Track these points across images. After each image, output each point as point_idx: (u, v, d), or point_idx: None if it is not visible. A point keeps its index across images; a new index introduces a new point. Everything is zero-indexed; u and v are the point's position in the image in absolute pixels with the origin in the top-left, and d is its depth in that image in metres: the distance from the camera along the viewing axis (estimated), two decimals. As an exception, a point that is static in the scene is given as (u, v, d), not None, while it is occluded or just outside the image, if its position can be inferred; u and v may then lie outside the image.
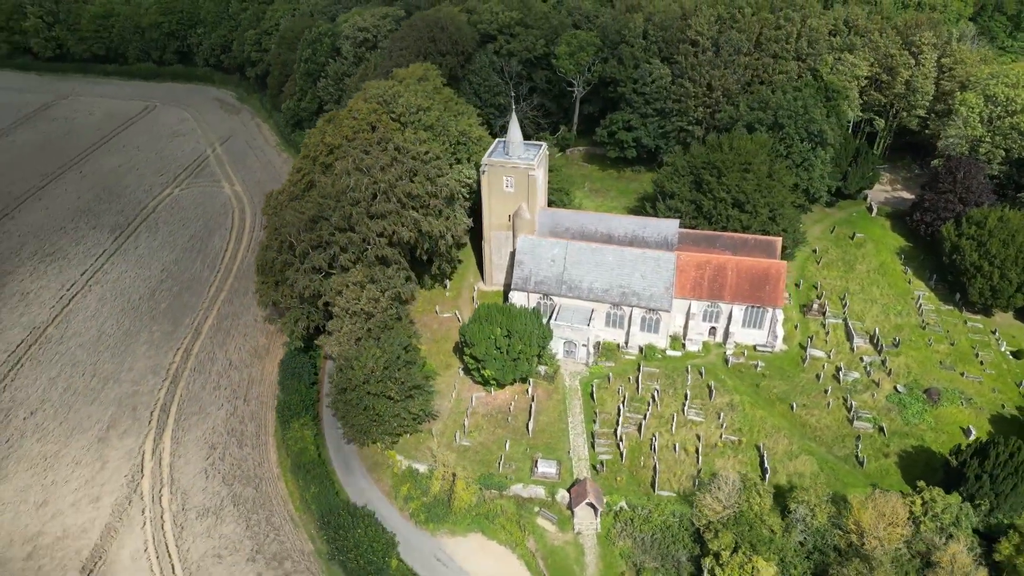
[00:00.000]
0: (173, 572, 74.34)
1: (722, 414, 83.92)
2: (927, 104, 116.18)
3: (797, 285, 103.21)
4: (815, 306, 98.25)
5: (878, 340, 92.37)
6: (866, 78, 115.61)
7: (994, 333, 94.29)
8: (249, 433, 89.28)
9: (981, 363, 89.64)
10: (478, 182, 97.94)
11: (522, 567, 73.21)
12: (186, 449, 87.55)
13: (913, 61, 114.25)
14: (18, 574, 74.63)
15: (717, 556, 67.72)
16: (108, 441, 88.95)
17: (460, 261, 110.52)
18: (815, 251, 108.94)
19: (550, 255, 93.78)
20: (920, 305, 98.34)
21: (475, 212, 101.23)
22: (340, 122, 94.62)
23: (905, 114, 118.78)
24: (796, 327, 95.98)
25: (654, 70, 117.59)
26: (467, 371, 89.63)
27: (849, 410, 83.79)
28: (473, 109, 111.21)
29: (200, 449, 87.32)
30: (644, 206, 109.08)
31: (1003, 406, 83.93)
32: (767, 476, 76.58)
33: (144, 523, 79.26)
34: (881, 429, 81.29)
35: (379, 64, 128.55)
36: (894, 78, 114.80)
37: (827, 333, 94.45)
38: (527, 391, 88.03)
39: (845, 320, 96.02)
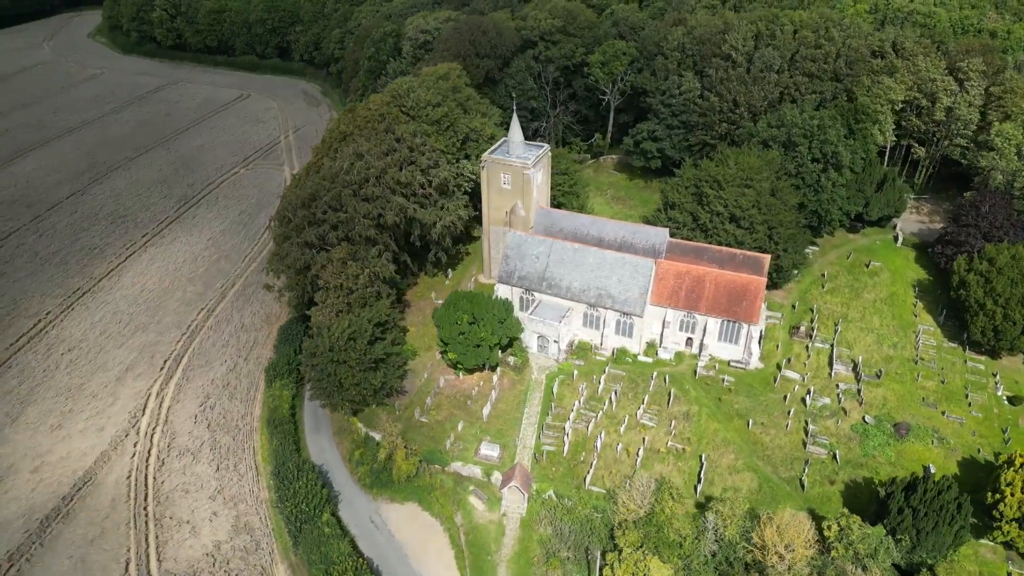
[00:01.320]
0: (145, 499, 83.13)
1: (674, 422, 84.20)
2: (970, 133, 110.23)
3: (793, 307, 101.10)
4: (802, 328, 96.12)
5: (859, 369, 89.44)
6: (903, 102, 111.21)
7: (994, 376, 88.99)
8: (241, 388, 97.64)
9: (969, 404, 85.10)
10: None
11: (445, 539, 76.86)
12: (185, 396, 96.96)
13: (957, 87, 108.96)
14: (21, 483, 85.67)
15: (621, 552, 68.86)
16: (124, 381, 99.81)
17: (468, 253, 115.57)
18: (823, 275, 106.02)
19: (535, 252, 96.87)
20: (918, 339, 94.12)
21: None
22: (357, 112, 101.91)
23: (947, 143, 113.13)
24: (778, 347, 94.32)
25: (683, 82, 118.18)
26: (444, 354, 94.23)
27: (807, 434, 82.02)
28: (496, 110, 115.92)
29: (196, 397, 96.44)
30: (659, 216, 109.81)
31: (979, 450, 79.53)
32: (699, 486, 76.63)
33: (134, 455, 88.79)
34: (835, 456, 79.18)
35: (429, 64, 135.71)
36: (934, 104, 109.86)
37: (808, 356, 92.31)
38: (492, 379, 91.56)
39: (832, 346, 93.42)
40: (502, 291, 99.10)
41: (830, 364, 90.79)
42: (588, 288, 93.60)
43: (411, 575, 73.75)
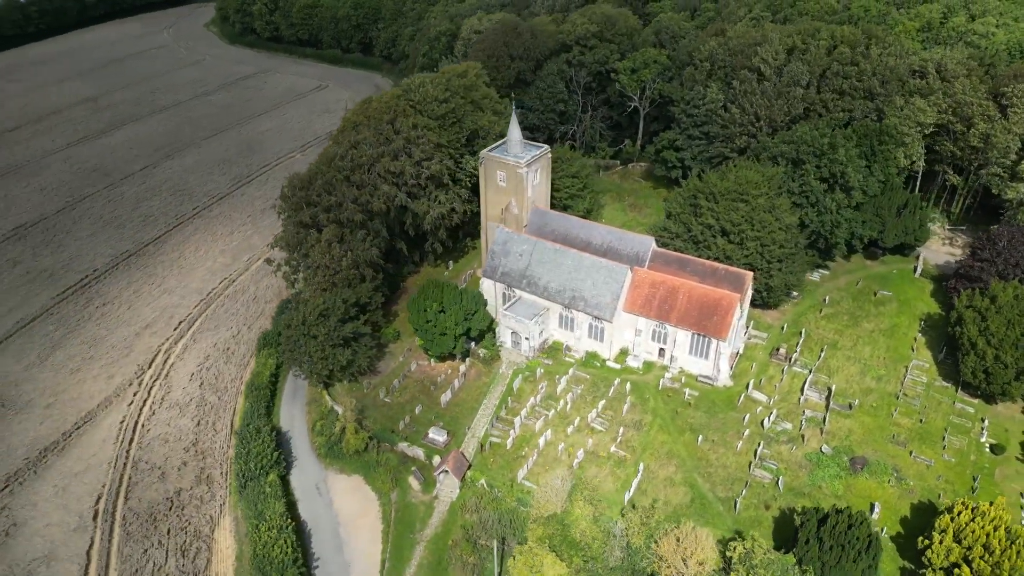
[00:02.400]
0: (129, 443, 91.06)
1: (624, 429, 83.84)
2: (1008, 163, 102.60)
3: (783, 328, 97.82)
4: (782, 351, 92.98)
5: (831, 398, 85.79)
6: (936, 126, 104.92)
7: (983, 421, 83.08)
8: (239, 354, 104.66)
9: (944, 448, 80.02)
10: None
11: (379, 513, 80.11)
12: (189, 355, 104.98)
13: (998, 114, 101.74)
14: (34, 416, 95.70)
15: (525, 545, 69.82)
16: (141, 337, 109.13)
17: (474, 247, 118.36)
18: (825, 300, 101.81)
19: (519, 250, 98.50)
20: (907, 374, 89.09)
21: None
22: (370, 104, 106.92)
23: (983, 171, 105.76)
24: (753, 367, 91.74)
25: (708, 93, 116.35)
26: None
27: (756, 456, 79.72)
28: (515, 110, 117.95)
29: (197, 358, 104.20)
30: (659, 226, 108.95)
31: (940, 495, 74.82)
32: (630, 492, 76.23)
33: (131, 403, 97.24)
34: (777, 482, 76.65)
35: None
36: (969, 129, 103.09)
37: (782, 380, 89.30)
38: (460, 368, 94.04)
39: (811, 371, 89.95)
40: (486, 285, 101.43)
41: (803, 390, 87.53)
42: (564, 289, 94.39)
43: (337, 542, 77.47)
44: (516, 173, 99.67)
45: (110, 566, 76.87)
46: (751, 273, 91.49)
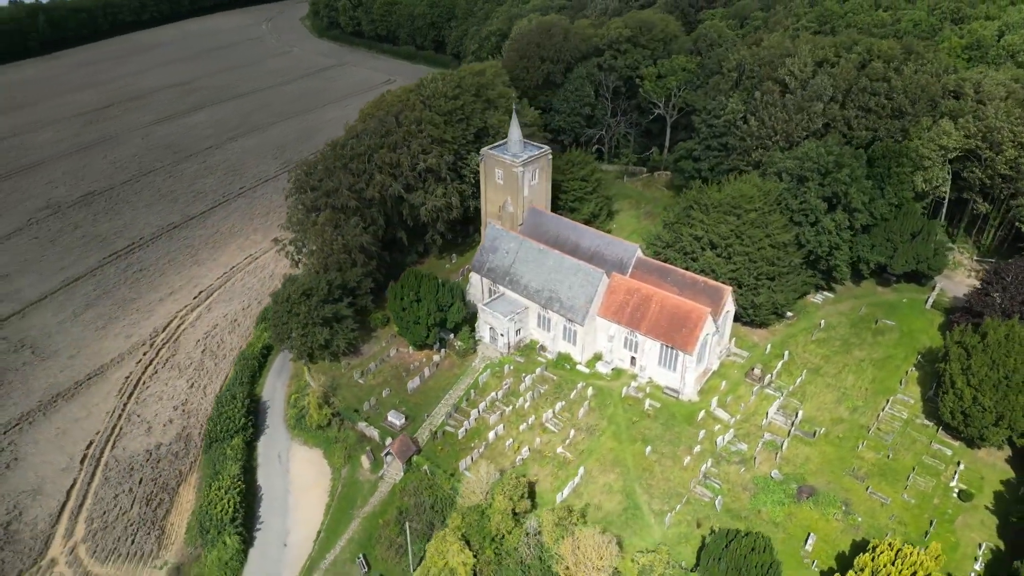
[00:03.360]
0: (128, 398, 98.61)
1: (575, 432, 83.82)
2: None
3: (767, 348, 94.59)
4: (757, 371, 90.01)
5: (796, 424, 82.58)
6: (964, 151, 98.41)
7: (958, 465, 77.85)
8: (244, 325, 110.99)
9: (906, 487, 75.63)
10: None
11: (327, 486, 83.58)
12: (199, 323, 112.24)
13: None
14: (57, 365, 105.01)
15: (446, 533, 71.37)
16: (164, 302, 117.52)
17: (479, 242, 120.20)
18: (821, 323, 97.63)
19: (506, 247, 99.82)
20: (886, 408, 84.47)
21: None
22: (385, 97, 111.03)
23: (1013, 201, 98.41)
24: (723, 384, 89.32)
25: (729, 103, 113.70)
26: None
27: (700, 473, 77.93)
28: (533, 111, 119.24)
29: (206, 326, 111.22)
30: (660, 235, 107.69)
31: (888, 534, 70.85)
32: (563, 494, 76.32)
33: (139, 361, 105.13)
34: (715, 502, 74.73)
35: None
36: (997, 155, 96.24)
37: (750, 400, 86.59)
38: (433, 358, 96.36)
39: (782, 394, 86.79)
40: (474, 280, 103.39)
41: (768, 412, 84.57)
42: (543, 289, 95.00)
43: (283, 508, 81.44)
44: (512, 172, 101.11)
45: (84, 506, 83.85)
46: (730, 288, 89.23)
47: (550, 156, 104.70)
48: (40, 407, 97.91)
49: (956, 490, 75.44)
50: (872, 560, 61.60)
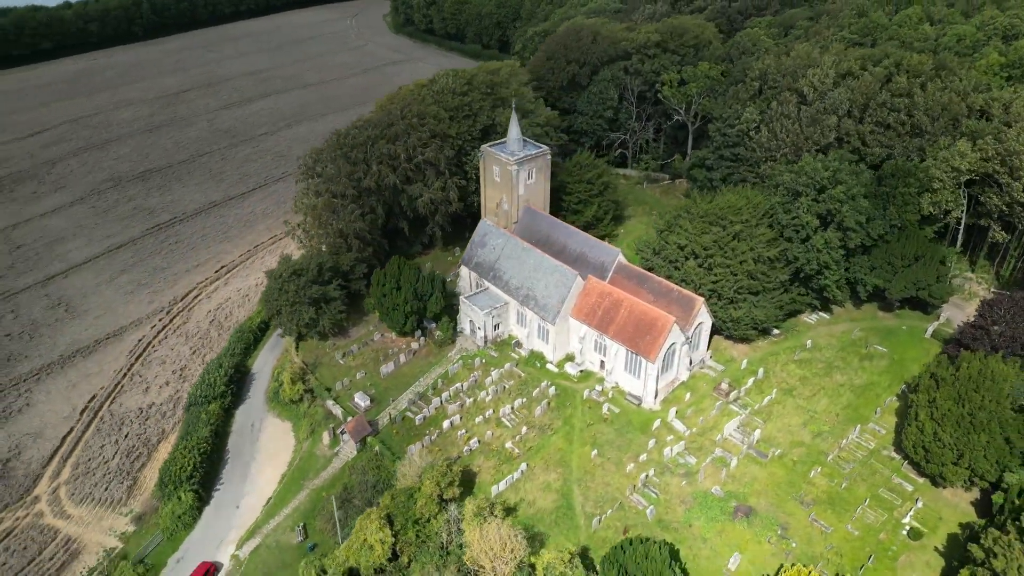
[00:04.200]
0: (136, 359, 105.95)
1: (527, 429, 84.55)
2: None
3: (743, 364, 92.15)
4: (724, 385, 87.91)
5: (751, 444, 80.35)
6: (979, 173, 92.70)
7: (916, 502, 73.91)
8: (253, 300, 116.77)
9: (853, 518, 72.50)
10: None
11: (286, 457, 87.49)
12: (214, 296, 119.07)
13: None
14: (83, 324, 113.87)
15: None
16: (189, 274, 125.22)
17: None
18: (808, 343, 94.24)
19: (494, 243, 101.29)
20: (852, 437, 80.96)
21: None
22: (402, 91, 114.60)
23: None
24: (687, 396, 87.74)
25: (744, 113, 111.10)
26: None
27: (640, 482, 77.13)
28: (548, 111, 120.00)
29: (219, 299, 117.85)
30: (649, 241, 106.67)
31: (821, 563, 68.37)
32: (499, 487, 77.29)
33: (154, 326, 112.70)
34: (648, 511, 73.89)
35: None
36: (1015, 181, 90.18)
37: (710, 414, 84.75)
38: (410, 345, 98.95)
39: (747, 412, 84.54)
40: (463, 273, 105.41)
41: (725, 429, 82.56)
42: (522, 286, 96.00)
43: (244, 473, 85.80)
44: (507, 170, 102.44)
45: (74, 452, 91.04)
46: (701, 299, 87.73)
47: (548, 156, 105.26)
48: (60, 360, 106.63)
49: (907, 527, 71.73)
50: (777, 584, 59.84)
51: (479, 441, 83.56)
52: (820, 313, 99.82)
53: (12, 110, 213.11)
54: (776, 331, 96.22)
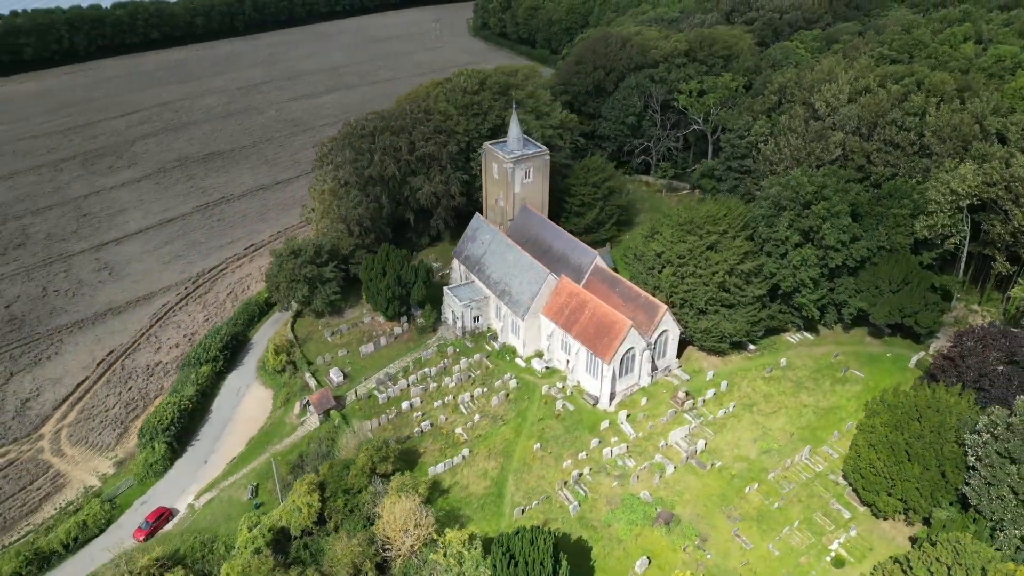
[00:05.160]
0: (156, 321, 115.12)
1: (479, 418, 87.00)
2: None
3: (709, 375, 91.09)
4: (681, 394, 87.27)
5: (693, 453, 79.75)
6: (980, 198, 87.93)
7: (849, 530, 71.56)
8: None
9: (777, 539, 71.05)
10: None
11: (260, 423, 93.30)
12: (237, 271, 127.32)
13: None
14: (121, 288, 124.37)
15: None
16: (221, 250, 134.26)
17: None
18: (782, 362, 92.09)
19: (483, 238, 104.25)
20: (800, 458, 78.93)
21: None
22: (418, 88, 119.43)
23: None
24: (644, 401, 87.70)
25: (752, 125, 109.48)
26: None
27: (571, 479, 78.11)
28: (564, 113, 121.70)
29: (240, 275, 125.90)
30: (632, 246, 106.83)
31: (727, 579, 67.75)
32: (437, 468, 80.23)
33: (179, 294, 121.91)
34: (572, 508, 74.90)
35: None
36: (1019, 208, 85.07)
37: (662, 421, 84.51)
38: (392, 329, 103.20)
39: (697, 421, 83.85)
40: (455, 265, 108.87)
41: (670, 436, 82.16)
42: (500, 281, 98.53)
43: (218, 433, 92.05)
44: (503, 168, 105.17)
45: (83, 400, 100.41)
46: (664, 306, 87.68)
47: (547, 157, 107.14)
48: (93, 317, 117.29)
49: (832, 554, 69.63)
50: (659, 588, 59.94)
51: (432, 424, 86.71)
52: (805, 333, 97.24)
53: (116, 92, 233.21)
54: (752, 347, 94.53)
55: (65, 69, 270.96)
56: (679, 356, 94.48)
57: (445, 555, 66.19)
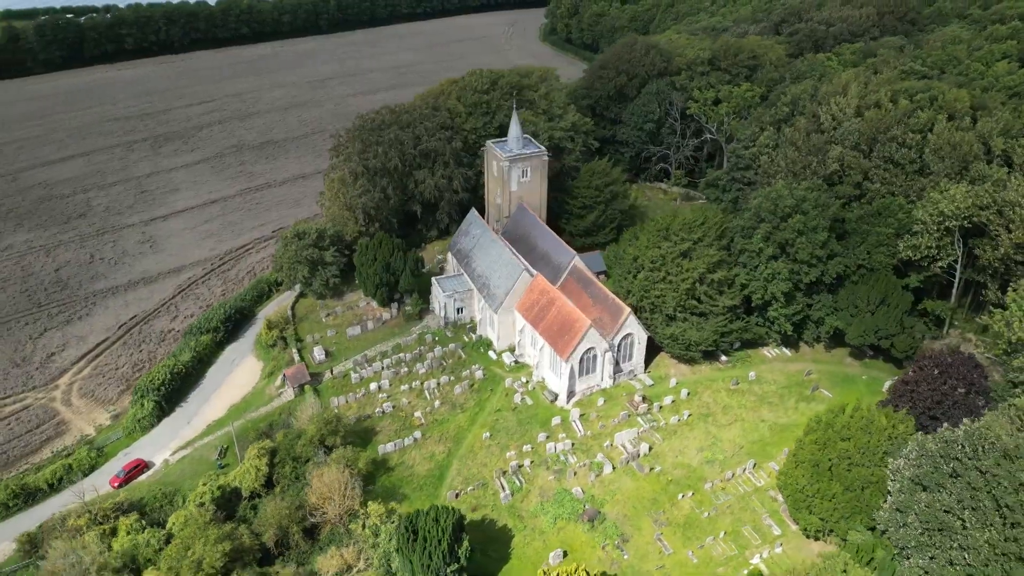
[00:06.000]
0: (179, 292, 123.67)
1: (439, 404, 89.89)
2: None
3: (673, 382, 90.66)
4: (637, 398, 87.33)
5: (634, 456, 79.99)
6: (970, 221, 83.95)
7: (775, 546, 70.42)
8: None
9: (700, 547, 70.65)
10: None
11: (244, 392, 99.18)
12: (261, 251, 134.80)
13: (1056, 224, 78.36)
14: (159, 259, 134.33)
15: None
16: (251, 231, 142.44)
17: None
18: (752, 375, 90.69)
19: (474, 232, 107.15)
20: (744, 471, 77.91)
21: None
22: (438, 86, 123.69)
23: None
24: (601, 401, 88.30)
25: (758, 136, 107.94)
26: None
27: (510, 469, 79.90)
28: (581, 118, 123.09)
29: (263, 255, 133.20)
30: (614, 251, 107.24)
31: (639, 581, 68.07)
32: (387, 447, 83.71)
33: (203, 269, 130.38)
34: (503, 497, 76.80)
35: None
36: (1008, 232, 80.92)
37: (614, 422, 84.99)
38: (381, 315, 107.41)
39: (648, 425, 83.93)
40: (449, 257, 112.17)
41: (615, 437, 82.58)
42: (482, 275, 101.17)
43: (205, 397, 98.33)
44: (499, 166, 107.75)
45: (99, 357, 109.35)
46: (628, 309, 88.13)
47: (545, 158, 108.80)
48: (127, 284, 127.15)
49: (749, 568, 68.72)
50: (548, 576, 61.13)
51: (394, 406, 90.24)
52: (783, 349, 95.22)
53: (198, 82, 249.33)
54: (724, 358, 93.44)
55: (161, 59, 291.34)
56: (651, 362, 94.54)
57: (364, 526, 69.66)
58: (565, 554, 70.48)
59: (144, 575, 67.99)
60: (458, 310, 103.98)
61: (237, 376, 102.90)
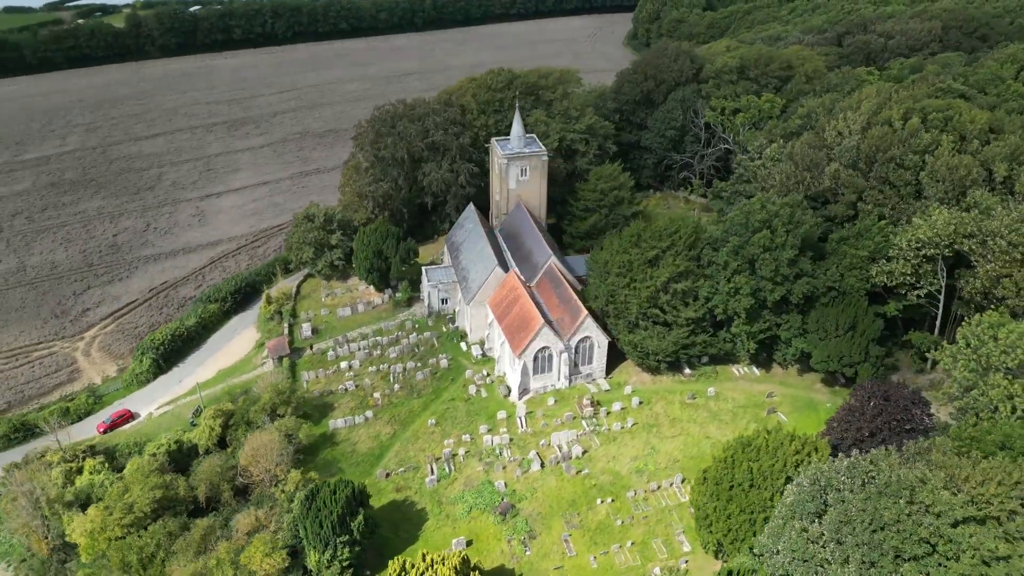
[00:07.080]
0: (209, 263, 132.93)
1: (397, 387, 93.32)
2: None
3: (629, 390, 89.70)
4: (586, 401, 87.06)
5: (564, 457, 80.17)
6: (951, 249, 78.50)
7: (682, 562, 69.08)
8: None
9: (604, 553, 70.40)
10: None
11: (235, 359, 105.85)
12: (273, 241, 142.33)
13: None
14: (203, 232, 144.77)
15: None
16: (286, 213, 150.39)
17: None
18: (711, 391, 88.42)
19: (467, 227, 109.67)
20: (671, 484, 76.54)
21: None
22: (457, 84, 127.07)
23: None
24: (551, 401, 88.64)
25: (765, 148, 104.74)
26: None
27: (442, 456, 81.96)
28: (599, 121, 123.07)
29: (278, 240, 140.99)
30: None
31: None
32: (336, 423, 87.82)
33: (237, 245, 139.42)
34: (429, 482, 79.03)
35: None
36: (987, 262, 75.33)
37: (556, 421, 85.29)
38: (371, 300, 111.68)
39: (592, 429, 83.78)
40: (445, 249, 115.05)
41: (552, 437, 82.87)
42: (464, 268, 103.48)
43: (203, 361, 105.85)
44: (499, 163, 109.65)
45: (124, 316, 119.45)
46: (585, 312, 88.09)
47: (545, 158, 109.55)
48: (169, 252, 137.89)
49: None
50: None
51: (356, 385, 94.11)
52: (753, 368, 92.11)
53: (288, 73, 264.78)
54: (688, 370, 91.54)
55: (264, 50, 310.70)
56: (615, 368, 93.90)
57: (282, 491, 73.75)
58: (469, 543, 71.93)
59: (88, 510, 74.68)
60: (443, 300, 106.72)
61: (234, 345, 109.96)
